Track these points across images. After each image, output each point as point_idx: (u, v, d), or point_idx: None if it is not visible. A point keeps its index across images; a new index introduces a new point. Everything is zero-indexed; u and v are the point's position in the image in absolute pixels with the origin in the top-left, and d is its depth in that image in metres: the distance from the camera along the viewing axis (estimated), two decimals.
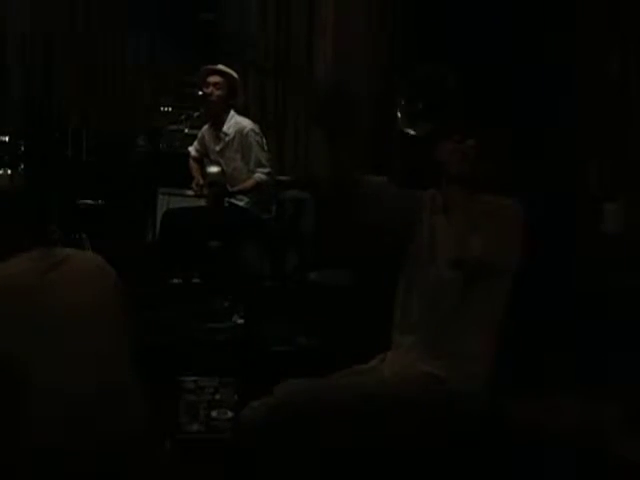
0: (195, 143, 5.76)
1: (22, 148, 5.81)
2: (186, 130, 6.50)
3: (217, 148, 5.55)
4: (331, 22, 5.82)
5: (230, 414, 3.66)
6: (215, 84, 5.48)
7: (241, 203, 5.49)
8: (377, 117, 5.43)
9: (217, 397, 3.70)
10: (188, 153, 5.75)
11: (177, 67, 6.84)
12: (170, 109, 6.72)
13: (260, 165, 5.46)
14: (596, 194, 4.14)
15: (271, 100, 6.56)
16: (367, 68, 5.56)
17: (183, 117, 6.53)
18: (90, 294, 2.53)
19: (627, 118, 3.90)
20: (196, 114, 6.11)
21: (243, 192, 5.46)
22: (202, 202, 5.51)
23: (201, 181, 5.51)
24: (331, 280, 4.93)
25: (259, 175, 5.44)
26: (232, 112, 5.55)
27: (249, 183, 5.45)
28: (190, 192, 5.58)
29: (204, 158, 5.64)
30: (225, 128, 5.52)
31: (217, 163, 5.49)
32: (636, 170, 3.91)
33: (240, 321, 4.56)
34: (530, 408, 2.95)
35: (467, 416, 2.64)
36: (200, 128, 5.81)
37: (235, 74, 5.57)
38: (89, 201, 5.73)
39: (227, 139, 5.51)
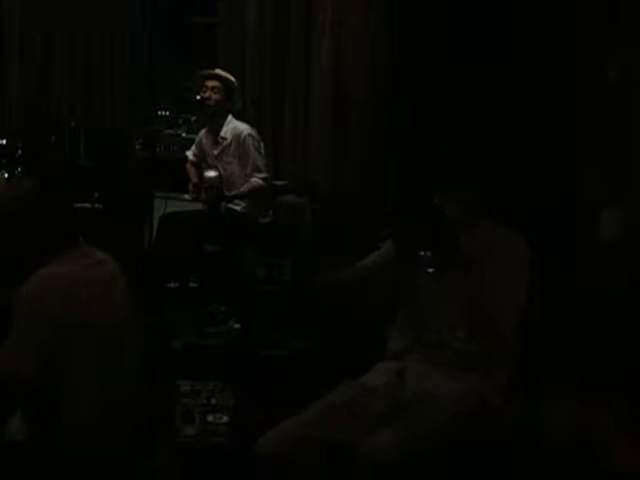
0: (193, 147, 5.75)
1: (19, 151, 5.79)
2: (184, 134, 6.50)
3: (215, 152, 5.54)
4: (330, 22, 5.79)
5: (226, 418, 3.65)
6: (213, 88, 5.47)
7: (238, 207, 5.47)
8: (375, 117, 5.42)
9: (213, 401, 3.68)
10: (186, 157, 5.74)
11: (175, 71, 6.83)
12: (168, 113, 6.72)
13: (257, 170, 5.45)
14: (595, 199, 4.12)
15: (268, 103, 6.54)
16: (366, 68, 5.52)
17: (181, 121, 6.53)
18: (123, 294, 2.74)
19: (627, 122, 3.89)
20: (194, 118, 6.09)
21: (240, 197, 5.45)
22: (199, 206, 5.49)
23: (197, 182, 5.49)
24: None
25: (256, 180, 5.43)
26: (230, 116, 5.54)
27: (246, 188, 5.43)
28: (187, 196, 5.57)
29: (202, 162, 5.62)
30: (223, 132, 5.51)
31: (214, 167, 5.48)
32: (636, 174, 3.89)
33: (236, 325, 4.55)
34: (530, 410, 2.95)
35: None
36: (198, 132, 5.80)
37: (233, 78, 5.56)
38: (86, 204, 5.71)
39: (225, 143, 5.50)
